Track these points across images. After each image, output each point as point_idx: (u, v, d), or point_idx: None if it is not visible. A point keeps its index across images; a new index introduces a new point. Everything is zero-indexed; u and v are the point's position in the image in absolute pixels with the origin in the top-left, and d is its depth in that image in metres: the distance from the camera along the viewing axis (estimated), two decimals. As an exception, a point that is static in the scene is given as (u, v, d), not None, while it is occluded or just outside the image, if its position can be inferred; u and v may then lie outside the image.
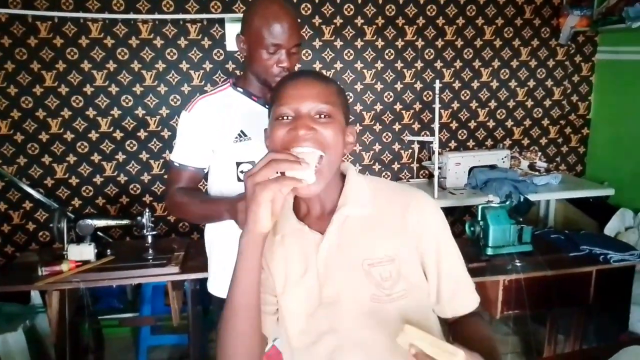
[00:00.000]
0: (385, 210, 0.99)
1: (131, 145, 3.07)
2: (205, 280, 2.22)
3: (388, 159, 3.42)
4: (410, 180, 3.43)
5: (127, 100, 3.02)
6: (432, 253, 1.00)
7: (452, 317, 1.07)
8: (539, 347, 2.46)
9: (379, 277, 0.96)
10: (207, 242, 1.57)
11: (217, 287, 1.51)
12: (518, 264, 2.07)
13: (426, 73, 3.34)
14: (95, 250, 2.05)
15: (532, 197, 2.95)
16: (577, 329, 2.37)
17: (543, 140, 3.62)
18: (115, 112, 3.02)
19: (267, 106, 1.47)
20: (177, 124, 1.51)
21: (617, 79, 3.41)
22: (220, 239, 1.50)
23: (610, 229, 3.06)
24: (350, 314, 0.96)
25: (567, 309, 2.31)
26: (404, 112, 3.37)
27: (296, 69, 1.51)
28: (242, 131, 1.43)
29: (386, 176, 3.43)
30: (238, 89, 1.48)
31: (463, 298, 1.07)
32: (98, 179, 3.06)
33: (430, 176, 3.33)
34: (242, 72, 1.53)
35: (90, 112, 2.99)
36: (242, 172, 1.42)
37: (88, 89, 2.96)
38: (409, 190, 1.03)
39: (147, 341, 2.63)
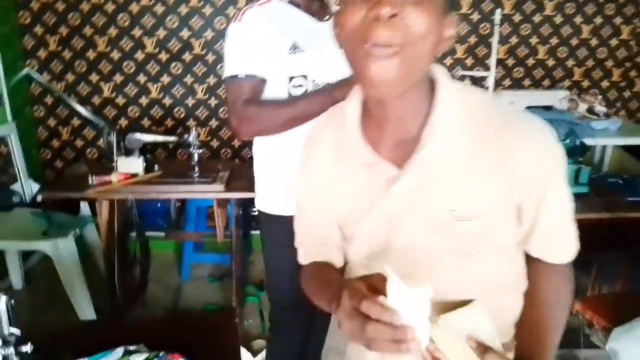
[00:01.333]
0: (488, 146, 0.74)
1: (176, 68, 3.04)
2: (247, 203, 2.25)
3: (436, 95, 3.28)
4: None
5: (172, 21, 2.96)
6: (535, 197, 0.77)
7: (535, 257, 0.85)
8: (586, 286, 2.41)
9: (466, 233, 0.76)
10: (256, 158, 1.53)
11: (265, 202, 1.50)
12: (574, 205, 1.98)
13: (485, 2, 3.12)
14: (144, 164, 2.07)
15: (589, 142, 2.79)
16: (625, 275, 2.29)
17: (604, 83, 3.39)
18: (161, 32, 2.97)
19: (315, 17, 1.40)
20: (222, 49, 1.42)
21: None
22: (269, 155, 1.47)
23: (669, 179, 2.89)
24: (418, 268, 0.79)
25: (618, 255, 2.22)
26: (457, 45, 3.20)
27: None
28: (295, 44, 1.35)
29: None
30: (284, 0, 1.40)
31: (557, 248, 0.85)
32: (144, 100, 3.06)
33: (480, 115, 3.19)
34: None
35: (136, 32, 2.95)
36: (294, 86, 1.36)
37: (134, 8, 2.91)
38: (520, 118, 0.77)
39: (189, 258, 2.70)
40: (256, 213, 1.68)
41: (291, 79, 1.35)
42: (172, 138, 2.19)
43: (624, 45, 3.32)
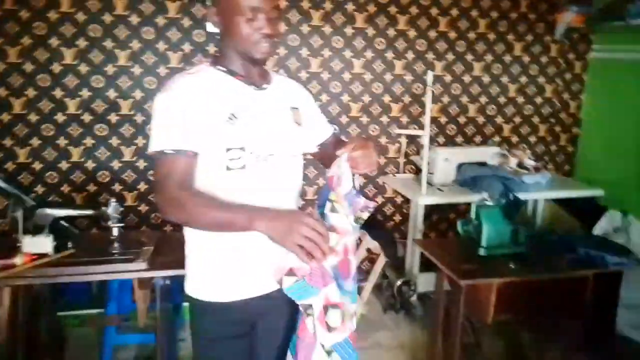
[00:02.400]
0: None
1: (101, 129, 2.86)
2: (177, 276, 2.06)
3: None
4: (396, 174, 3.29)
5: (97, 81, 2.81)
6: None
7: None
8: (530, 355, 2.36)
9: None
10: (187, 239, 1.38)
11: (196, 288, 1.34)
12: (513, 267, 1.95)
13: (417, 65, 3.20)
14: (54, 243, 1.85)
15: (522, 196, 2.84)
16: (569, 335, 2.28)
17: (532, 139, 3.53)
18: (85, 93, 2.80)
19: (252, 86, 1.31)
20: (151, 108, 1.26)
21: (609, 78, 3.34)
22: (202, 238, 1.32)
23: (598, 230, 2.98)
24: None
25: (561, 315, 2.21)
26: (392, 104, 3.24)
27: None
28: (232, 114, 1.23)
29: (372, 170, 3.28)
30: (218, 67, 1.30)
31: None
32: (64, 165, 2.84)
33: (417, 171, 3.21)
34: (219, 51, 1.33)
35: (57, 92, 2.77)
36: (231, 159, 1.22)
37: (56, 67, 2.74)
38: None
39: (112, 340, 2.44)
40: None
41: (228, 150, 1.22)
42: (87, 212, 1.99)
43: (548, 103, 3.50)
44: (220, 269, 1.29)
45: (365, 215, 1.25)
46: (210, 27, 2.84)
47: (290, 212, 1.14)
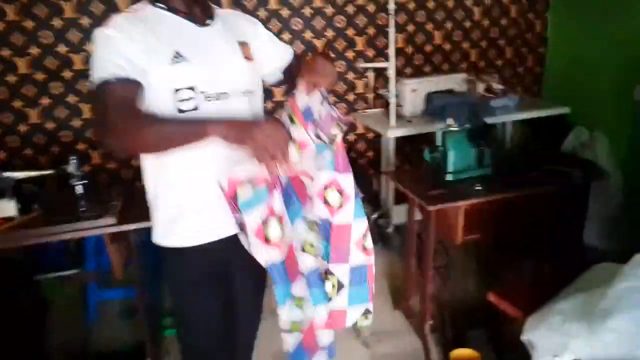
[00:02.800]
0: None
1: (56, 87, 2.75)
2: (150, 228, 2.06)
3: (342, 89, 3.23)
4: (367, 110, 3.27)
5: (46, 36, 2.66)
6: None
7: None
8: (500, 271, 2.46)
9: None
10: (148, 188, 1.35)
11: (162, 235, 1.33)
12: (479, 188, 1.99)
13: (378, -7, 3.10)
14: (18, 206, 1.82)
15: (490, 120, 2.86)
16: (538, 249, 2.36)
17: (499, 62, 3.51)
18: (34, 50, 2.66)
19: (196, 23, 1.25)
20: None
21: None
22: (162, 183, 1.30)
23: (566, 147, 3.05)
24: None
25: (528, 231, 2.28)
26: (357, 38, 3.16)
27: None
28: (177, 52, 1.17)
29: (341, 107, 3.26)
30: (158, 5, 1.23)
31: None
32: (22, 127, 2.74)
33: (387, 105, 3.18)
34: None
35: (5, 52, 2.63)
36: (181, 100, 1.17)
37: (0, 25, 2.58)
38: None
39: (95, 297, 2.47)
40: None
41: (177, 91, 1.18)
42: (47, 172, 1.94)
43: (514, 25, 3.45)
44: (183, 214, 1.29)
45: (335, 130, 1.22)
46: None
47: (257, 121, 1.12)
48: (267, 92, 3.05)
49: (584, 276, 1.49)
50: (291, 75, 1.43)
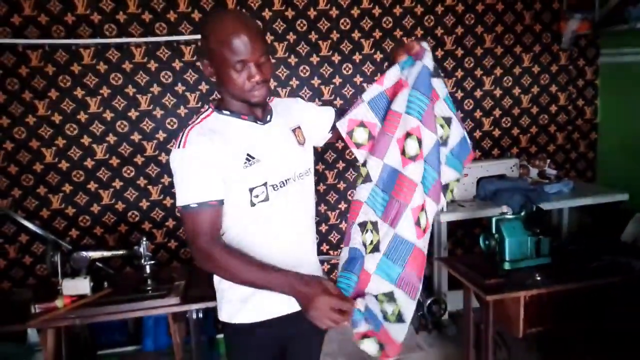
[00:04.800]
0: None
1: (128, 171, 2.98)
2: (209, 309, 2.12)
3: (393, 173, 3.32)
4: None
5: (122, 126, 2.94)
6: None
7: None
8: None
9: None
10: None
11: (229, 313, 1.40)
12: (538, 278, 1.95)
13: (427, 84, 3.26)
14: (91, 284, 1.95)
15: (545, 206, 2.84)
16: (605, 344, 2.24)
17: (551, 147, 3.53)
18: (111, 138, 2.94)
19: (258, 122, 1.38)
20: (170, 161, 1.33)
21: (621, 80, 3.34)
22: None
23: (627, 235, 2.94)
24: None
25: (591, 323, 2.18)
26: (406, 124, 3.28)
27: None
28: (249, 155, 1.30)
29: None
30: (224, 112, 1.36)
31: None
32: (95, 208, 2.96)
33: (438, 189, 3.22)
34: (219, 94, 1.42)
35: (85, 140, 2.91)
36: (256, 196, 1.30)
37: (82, 116, 2.89)
38: None
39: (150, 376, 2.51)
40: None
41: (252, 190, 1.30)
42: (120, 252, 2.09)
43: (563, 110, 3.50)
44: (250, 291, 1.35)
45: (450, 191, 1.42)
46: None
47: (314, 288, 1.19)
48: (321, 176, 3.19)
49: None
50: (337, 131, 1.53)
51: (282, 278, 1.22)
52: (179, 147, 1.27)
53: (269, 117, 1.40)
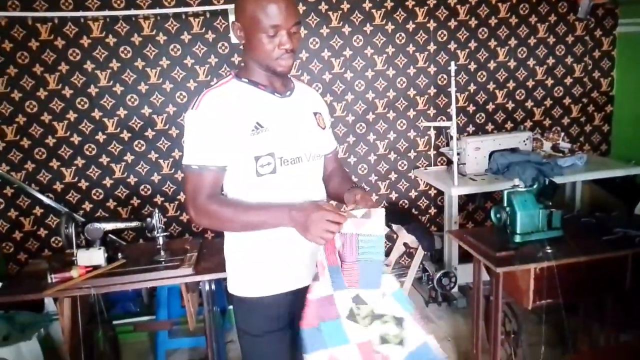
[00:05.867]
0: None
1: (139, 145, 3.00)
2: (221, 280, 2.15)
3: (404, 147, 3.30)
4: (427, 168, 3.31)
5: (132, 100, 2.94)
6: None
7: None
8: (574, 338, 2.34)
9: None
10: (226, 240, 1.46)
11: (239, 286, 1.42)
12: (549, 251, 1.95)
13: (440, 56, 3.21)
14: (105, 255, 1.98)
15: (558, 180, 2.80)
16: (613, 316, 2.25)
17: (565, 120, 3.47)
18: (122, 112, 2.95)
19: (276, 94, 1.38)
20: (184, 122, 1.36)
21: (639, 52, 3.25)
22: (240, 237, 1.40)
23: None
24: None
25: (602, 296, 2.18)
26: (418, 97, 3.25)
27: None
28: (258, 123, 1.31)
29: (402, 165, 3.32)
30: (243, 79, 1.37)
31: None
32: (108, 182, 2.99)
33: (449, 163, 3.21)
34: (243, 63, 1.41)
35: (96, 114, 2.92)
36: (261, 165, 1.31)
37: (92, 90, 2.89)
38: None
39: (164, 345, 2.56)
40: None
41: (257, 159, 1.30)
42: (133, 224, 2.11)
43: (579, 82, 3.43)
44: (259, 265, 1.37)
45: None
46: (234, 39, 2.93)
47: (309, 208, 1.22)
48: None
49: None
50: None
51: (276, 211, 1.26)
52: (192, 108, 1.30)
53: (289, 92, 1.40)
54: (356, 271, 1.23)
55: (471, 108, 3.33)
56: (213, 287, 2.10)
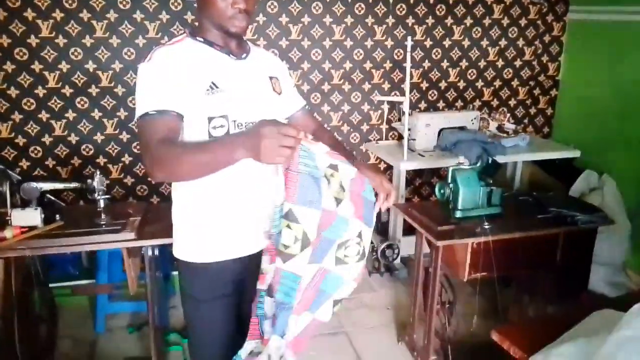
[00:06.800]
0: None
1: (82, 102, 2.85)
2: (165, 245, 2.12)
3: (357, 119, 3.32)
4: (379, 141, 3.35)
5: (76, 54, 2.78)
6: None
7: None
8: (505, 309, 2.49)
9: None
10: (175, 203, 1.43)
11: (185, 250, 1.40)
12: (487, 227, 2.03)
13: (397, 30, 3.21)
14: (42, 216, 1.89)
15: (500, 159, 2.93)
16: (543, 290, 2.39)
17: (512, 102, 3.59)
18: (64, 66, 2.78)
19: (231, 56, 1.34)
20: (132, 80, 1.29)
21: (587, 39, 3.38)
22: (189, 201, 1.37)
23: (575, 190, 3.09)
24: None
25: (534, 271, 2.32)
26: (374, 71, 3.25)
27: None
28: (213, 83, 1.27)
29: (354, 138, 3.34)
30: (198, 38, 1.33)
31: None
32: (47, 139, 2.84)
33: (400, 138, 3.26)
34: (197, 22, 1.36)
35: (36, 66, 2.74)
36: (214, 127, 1.26)
37: (33, 41, 2.70)
38: None
39: (104, 309, 2.52)
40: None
41: (210, 119, 1.26)
42: (73, 185, 2.03)
43: (527, 66, 3.54)
44: (207, 230, 1.36)
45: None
46: (188, -4, 2.80)
47: (258, 125, 1.06)
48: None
49: (585, 321, 1.52)
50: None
51: (226, 139, 1.17)
52: (145, 61, 1.25)
53: (244, 55, 1.37)
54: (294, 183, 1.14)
55: (424, 85, 3.38)
56: (156, 252, 2.06)
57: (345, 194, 1.23)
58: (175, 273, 2.74)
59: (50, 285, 2.42)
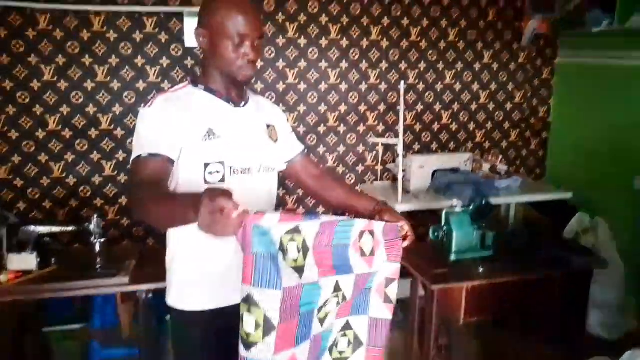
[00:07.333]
0: None
1: (81, 144, 2.89)
2: (160, 289, 2.11)
3: (352, 160, 3.37)
4: (374, 182, 3.39)
5: (77, 97, 2.84)
6: None
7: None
8: (503, 353, 2.47)
9: None
10: (169, 251, 1.44)
11: (177, 298, 1.40)
12: (481, 270, 2.05)
13: (391, 74, 3.30)
14: (38, 260, 1.90)
15: (494, 201, 2.95)
16: (540, 333, 2.38)
17: (504, 144, 3.66)
18: (65, 109, 2.84)
19: (230, 103, 1.39)
20: (131, 123, 1.34)
21: (576, 82, 3.48)
22: (185, 249, 1.39)
23: (569, 231, 3.11)
24: None
25: (530, 313, 2.31)
26: (368, 113, 3.33)
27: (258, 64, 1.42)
28: (210, 129, 1.32)
29: (350, 179, 3.38)
30: (199, 86, 1.38)
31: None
32: (45, 181, 2.87)
33: (394, 179, 3.30)
34: (201, 70, 1.43)
35: (38, 109, 2.80)
36: (210, 173, 1.30)
37: (35, 85, 2.77)
38: None
39: (97, 354, 2.47)
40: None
41: (207, 165, 1.30)
42: (70, 228, 2.04)
43: (518, 108, 3.62)
44: (200, 278, 1.36)
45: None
46: (189, 42, 2.89)
47: (202, 200, 0.97)
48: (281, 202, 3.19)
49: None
50: (291, 169, 1.57)
51: (188, 198, 1.04)
52: (146, 106, 1.30)
53: (243, 103, 1.42)
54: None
55: (418, 127, 3.45)
56: (150, 296, 2.05)
57: (308, 255, 1.12)
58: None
59: (44, 329, 2.39)
